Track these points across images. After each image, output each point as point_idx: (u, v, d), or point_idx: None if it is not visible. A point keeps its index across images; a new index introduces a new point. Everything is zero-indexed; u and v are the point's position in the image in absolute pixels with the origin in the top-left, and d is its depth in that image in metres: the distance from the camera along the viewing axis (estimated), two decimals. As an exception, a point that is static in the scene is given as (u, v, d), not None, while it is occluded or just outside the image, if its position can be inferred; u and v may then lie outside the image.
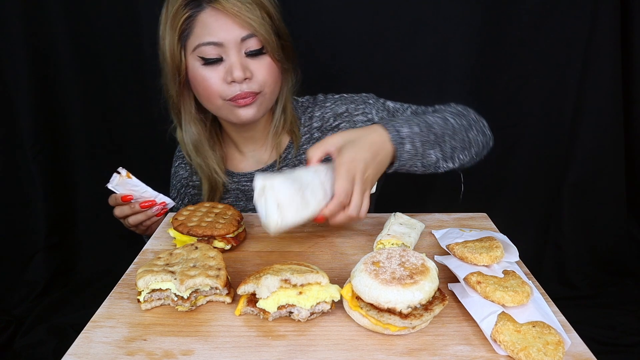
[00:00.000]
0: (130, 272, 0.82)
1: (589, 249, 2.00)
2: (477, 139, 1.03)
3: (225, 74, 0.98)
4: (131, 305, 0.73)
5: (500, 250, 0.75)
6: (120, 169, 1.03)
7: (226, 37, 0.96)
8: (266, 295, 0.67)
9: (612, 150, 1.89)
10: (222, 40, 0.96)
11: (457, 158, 0.98)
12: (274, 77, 1.03)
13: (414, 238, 0.88)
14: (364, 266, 0.67)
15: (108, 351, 0.63)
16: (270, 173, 1.02)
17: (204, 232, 0.85)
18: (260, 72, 1.00)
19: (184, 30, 0.99)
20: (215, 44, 0.97)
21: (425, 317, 0.63)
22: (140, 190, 1.04)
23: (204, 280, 0.70)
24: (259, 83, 1.01)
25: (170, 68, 1.03)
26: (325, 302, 0.68)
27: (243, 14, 0.95)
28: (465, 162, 1.01)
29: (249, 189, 1.19)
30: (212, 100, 1.02)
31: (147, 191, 1.04)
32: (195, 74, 1.01)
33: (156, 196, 1.05)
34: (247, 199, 1.20)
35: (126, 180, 1.03)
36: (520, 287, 0.68)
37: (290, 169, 1.16)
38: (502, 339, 0.61)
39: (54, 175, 1.89)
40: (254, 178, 0.79)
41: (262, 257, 0.88)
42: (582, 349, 0.62)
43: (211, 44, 0.97)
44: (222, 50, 0.97)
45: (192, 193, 1.24)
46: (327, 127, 1.16)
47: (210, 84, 0.99)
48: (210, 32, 0.96)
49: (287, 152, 1.17)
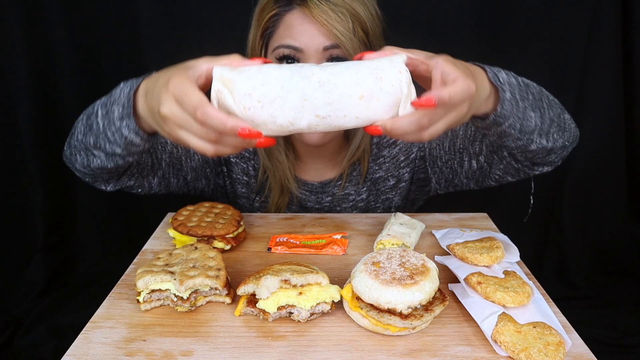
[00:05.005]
0: (129, 273, 0.82)
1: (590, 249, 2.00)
2: (571, 126, 0.90)
3: None
4: (131, 305, 0.73)
5: (501, 250, 0.75)
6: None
7: (307, 43, 0.89)
8: (266, 296, 0.66)
9: (612, 150, 1.88)
10: (302, 46, 0.89)
11: (552, 136, 0.84)
12: None
13: (414, 238, 0.88)
14: (364, 266, 0.67)
15: (107, 352, 0.63)
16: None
17: (204, 232, 0.85)
18: None
19: (267, 28, 0.93)
20: (295, 48, 0.90)
21: (426, 318, 0.63)
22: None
23: (203, 281, 0.70)
24: None
25: None
26: (325, 302, 0.68)
27: (331, 23, 0.87)
28: (558, 146, 0.87)
29: (305, 198, 1.14)
30: None
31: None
32: None
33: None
34: (301, 207, 1.15)
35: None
36: (521, 287, 0.68)
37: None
38: (502, 340, 0.61)
39: (54, 175, 1.88)
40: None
41: (262, 257, 0.87)
42: (582, 350, 0.62)
43: (291, 48, 0.90)
44: (301, 55, 0.91)
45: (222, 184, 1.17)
46: (384, 144, 1.12)
47: None
48: (292, 34, 0.90)
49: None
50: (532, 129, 0.80)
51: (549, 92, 0.89)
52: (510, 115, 0.74)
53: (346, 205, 1.15)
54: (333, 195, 1.14)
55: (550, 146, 0.85)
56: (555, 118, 0.84)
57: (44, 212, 1.90)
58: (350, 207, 1.15)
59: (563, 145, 0.89)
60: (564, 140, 0.87)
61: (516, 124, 0.76)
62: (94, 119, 0.78)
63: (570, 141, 0.91)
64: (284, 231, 0.97)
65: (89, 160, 0.83)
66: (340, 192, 1.13)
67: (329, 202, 1.14)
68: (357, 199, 1.14)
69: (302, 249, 0.89)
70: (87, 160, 0.84)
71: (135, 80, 0.73)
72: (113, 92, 0.77)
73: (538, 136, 0.82)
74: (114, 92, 0.76)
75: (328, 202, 1.14)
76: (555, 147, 0.87)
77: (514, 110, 0.74)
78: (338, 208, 1.15)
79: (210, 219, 0.89)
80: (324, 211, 1.15)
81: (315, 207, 1.15)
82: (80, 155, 0.85)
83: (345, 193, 1.13)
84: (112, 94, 0.77)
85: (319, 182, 1.13)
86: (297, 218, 1.03)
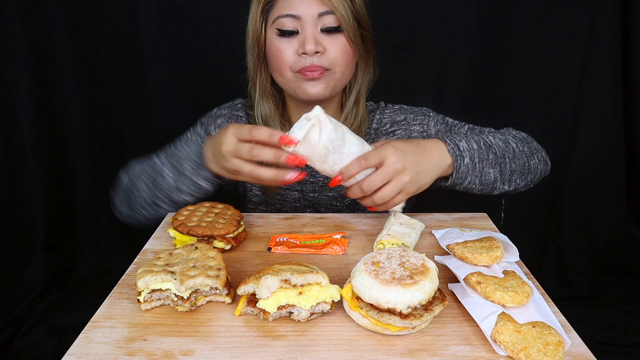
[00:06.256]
0: (130, 272, 0.82)
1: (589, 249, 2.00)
2: (538, 167, 1.04)
3: (298, 47, 1.00)
4: (131, 305, 0.73)
5: (501, 250, 0.75)
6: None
7: (304, 12, 0.98)
8: (266, 296, 0.67)
9: (612, 150, 1.89)
10: (299, 14, 0.98)
11: (515, 182, 1.00)
12: (346, 57, 1.03)
13: (414, 238, 0.88)
14: (364, 266, 0.67)
15: (108, 351, 0.63)
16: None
17: (204, 232, 0.85)
18: (332, 49, 1.00)
19: (267, 2, 1.02)
20: (293, 16, 0.99)
21: (426, 318, 0.63)
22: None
23: (203, 281, 0.70)
24: (329, 59, 1.01)
25: (250, 40, 1.06)
26: (325, 302, 0.68)
27: None
28: (520, 187, 1.03)
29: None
30: (282, 71, 1.03)
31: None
32: (271, 45, 1.03)
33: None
34: (300, 184, 1.17)
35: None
36: (521, 287, 0.68)
37: None
38: (502, 339, 0.61)
39: (54, 175, 1.89)
40: (315, 107, 0.79)
41: (262, 257, 0.88)
42: (582, 349, 0.62)
43: (289, 17, 0.99)
44: (298, 23, 0.99)
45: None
46: (383, 132, 1.16)
47: (283, 55, 1.01)
48: (290, 5, 0.99)
49: None
50: (492, 181, 0.96)
51: (534, 138, 1.07)
52: (467, 176, 0.92)
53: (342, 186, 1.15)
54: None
55: (513, 189, 1.01)
56: (518, 168, 0.99)
57: (44, 212, 1.90)
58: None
59: (526, 185, 1.04)
60: (525, 181, 1.03)
61: (475, 180, 0.94)
62: (160, 178, 1.00)
63: (537, 178, 1.06)
64: (284, 231, 0.97)
65: (157, 212, 1.04)
66: None
67: (324, 177, 1.15)
68: None
69: (302, 248, 0.89)
70: (155, 213, 1.04)
71: (189, 141, 1.02)
72: (174, 153, 1.01)
73: (501, 184, 0.98)
74: (177, 153, 1.00)
75: (323, 176, 1.15)
76: (518, 188, 1.02)
77: (470, 172, 0.92)
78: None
79: (211, 219, 0.89)
80: (319, 185, 1.16)
81: (310, 180, 1.16)
82: (146, 210, 1.05)
83: None
84: (173, 154, 1.01)
85: None
86: (297, 218, 1.03)
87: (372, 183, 0.82)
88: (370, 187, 0.82)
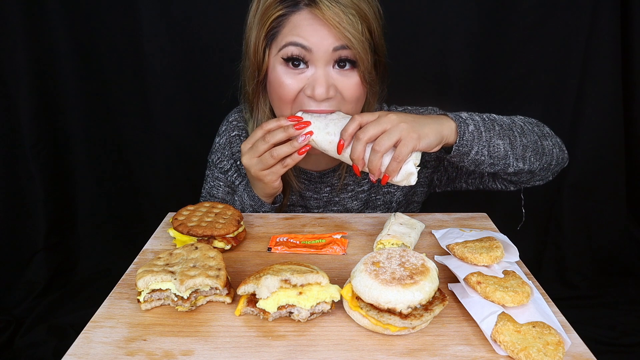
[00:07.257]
0: (130, 272, 0.82)
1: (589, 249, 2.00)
2: (553, 151, 0.98)
3: (305, 86, 0.90)
4: (131, 305, 0.73)
5: (501, 250, 0.75)
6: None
7: (317, 44, 0.87)
8: (266, 296, 0.67)
9: (612, 150, 1.89)
10: (312, 46, 0.87)
11: (529, 159, 0.92)
12: (358, 95, 0.94)
13: (414, 238, 0.88)
14: (364, 266, 0.67)
15: (108, 351, 0.63)
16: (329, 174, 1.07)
17: (204, 232, 0.85)
18: (345, 90, 0.91)
19: (272, 28, 0.91)
20: (304, 47, 0.88)
21: (425, 318, 0.63)
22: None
23: (204, 281, 0.70)
24: (339, 100, 0.92)
25: (251, 64, 0.96)
26: (325, 302, 0.68)
27: (342, 25, 0.85)
28: (537, 168, 0.96)
29: (303, 187, 1.13)
30: (283, 106, 0.94)
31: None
32: (274, 75, 0.92)
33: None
34: (300, 196, 1.15)
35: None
36: (521, 287, 0.68)
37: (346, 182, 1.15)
38: (502, 339, 0.61)
39: (54, 175, 1.89)
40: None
41: (262, 257, 0.88)
42: (582, 349, 0.62)
43: (299, 46, 0.88)
44: (309, 56, 0.89)
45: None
46: None
47: (287, 92, 0.91)
48: (300, 33, 0.87)
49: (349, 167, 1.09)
50: (503, 154, 0.90)
51: (545, 124, 1.03)
52: (474, 144, 0.87)
53: (345, 195, 1.14)
54: (332, 186, 1.14)
55: (528, 168, 0.94)
56: (530, 144, 0.93)
57: (44, 213, 1.90)
58: (350, 197, 1.14)
59: (543, 167, 0.98)
60: (541, 163, 0.96)
61: (483, 150, 0.88)
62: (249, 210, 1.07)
63: (554, 164, 1.00)
64: (284, 231, 0.97)
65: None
66: (339, 182, 1.12)
67: (328, 193, 1.14)
68: (357, 189, 1.14)
69: (302, 248, 0.89)
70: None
71: (234, 199, 1.11)
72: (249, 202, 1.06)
73: (514, 160, 0.92)
74: (239, 206, 1.08)
75: (327, 192, 1.14)
76: (533, 169, 0.96)
77: (475, 139, 0.87)
78: (337, 198, 1.14)
79: (211, 219, 0.89)
80: (323, 202, 1.15)
81: (314, 197, 1.14)
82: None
83: (344, 183, 1.13)
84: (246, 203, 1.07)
85: (318, 172, 1.12)
86: (297, 218, 1.03)
87: (367, 130, 0.80)
88: (366, 134, 0.80)
